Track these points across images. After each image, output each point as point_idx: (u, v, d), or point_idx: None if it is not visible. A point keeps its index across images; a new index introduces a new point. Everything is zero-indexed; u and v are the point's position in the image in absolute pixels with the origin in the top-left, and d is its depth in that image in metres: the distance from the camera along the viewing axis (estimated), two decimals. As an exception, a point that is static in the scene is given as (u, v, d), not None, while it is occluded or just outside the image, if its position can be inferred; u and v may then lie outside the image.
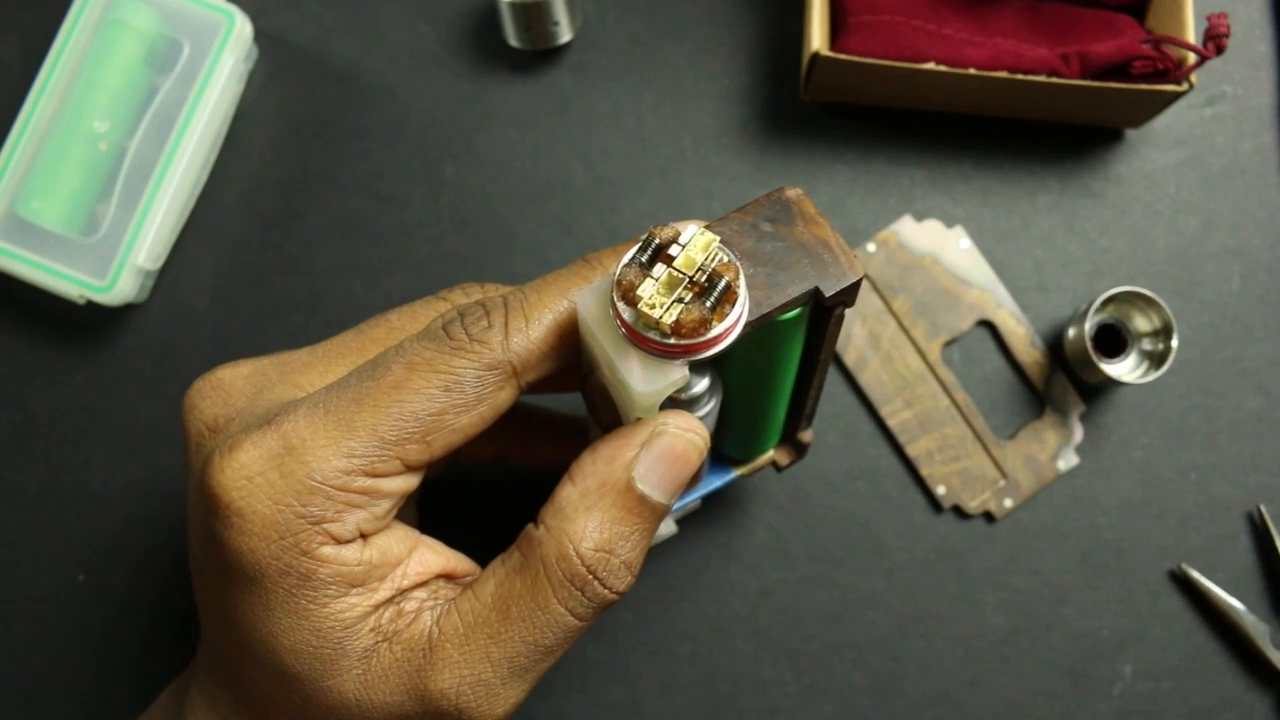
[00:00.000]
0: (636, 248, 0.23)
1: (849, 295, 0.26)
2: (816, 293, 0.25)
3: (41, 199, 0.40)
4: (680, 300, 0.23)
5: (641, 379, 0.24)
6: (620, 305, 0.23)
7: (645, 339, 0.23)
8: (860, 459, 0.42)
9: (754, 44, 0.44)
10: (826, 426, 0.42)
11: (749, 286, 0.24)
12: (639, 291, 0.23)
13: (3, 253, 0.40)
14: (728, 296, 0.23)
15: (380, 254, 0.43)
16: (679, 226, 0.23)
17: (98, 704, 0.40)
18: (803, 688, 0.40)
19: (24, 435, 0.42)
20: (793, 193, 0.26)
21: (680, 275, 0.23)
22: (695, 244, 0.23)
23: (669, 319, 0.23)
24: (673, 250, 0.23)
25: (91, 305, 0.40)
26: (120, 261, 0.40)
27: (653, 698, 0.40)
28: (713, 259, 0.23)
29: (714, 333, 0.23)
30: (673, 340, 0.23)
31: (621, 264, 0.23)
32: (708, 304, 0.23)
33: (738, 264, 0.23)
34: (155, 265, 0.41)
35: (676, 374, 0.24)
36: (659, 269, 0.23)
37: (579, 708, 0.40)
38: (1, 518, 0.42)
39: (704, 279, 0.23)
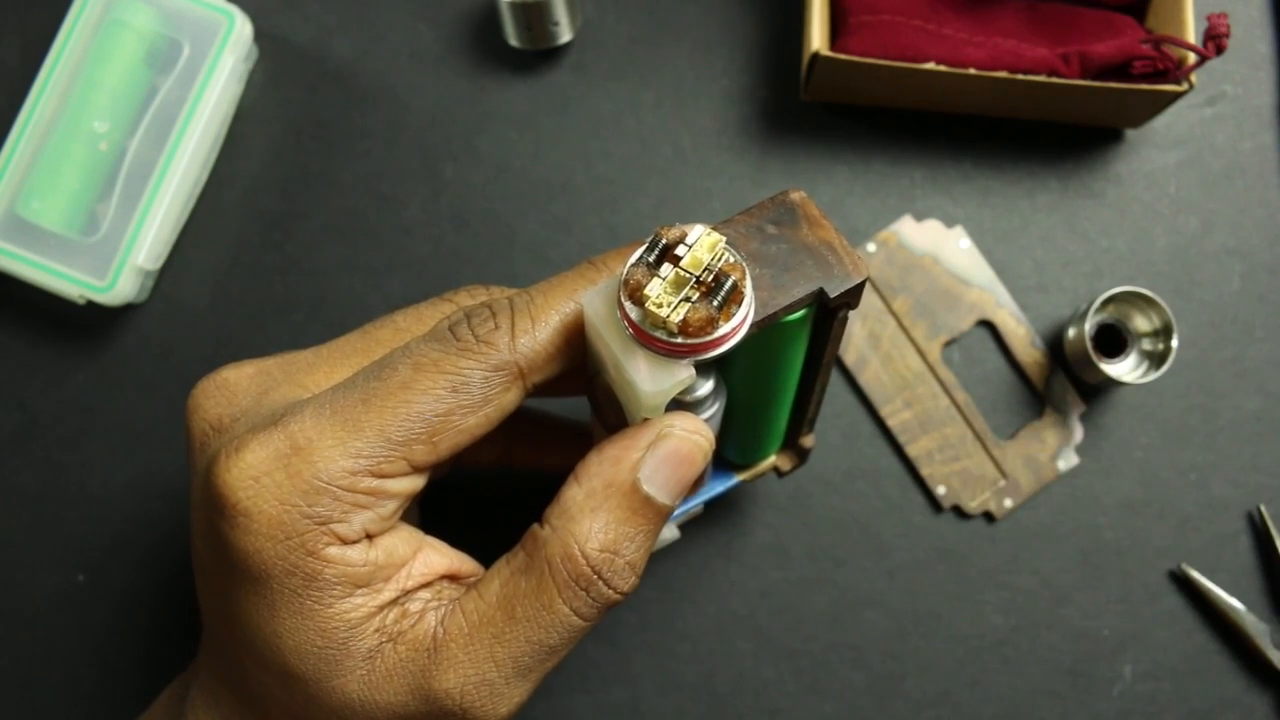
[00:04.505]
0: (643, 248, 0.23)
1: (853, 296, 0.26)
2: (821, 294, 0.25)
3: (41, 199, 0.40)
4: (687, 300, 0.23)
5: (648, 378, 0.24)
6: (627, 305, 0.23)
7: (652, 338, 0.23)
8: (860, 459, 0.42)
9: (754, 44, 0.44)
10: (827, 427, 0.42)
11: (754, 287, 0.24)
12: (646, 291, 0.23)
13: (3, 253, 0.40)
14: (734, 296, 0.23)
15: (380, 254, 0.43)
16: (685, 227, 0.24)
17: (98, 704, 0.40)
18: (803, 688, 0.40)
19: (24, 435, 0.42)
20: (797, 195, 0.26)
21: (687, 275, 0.23)
22: (702, 244, 0.23)
23: (676, 318, 0.23)
24: (679, 251, 0.23)
25: (91, 305, 0.40)
26: (120, 261, 0.40)
27: (653, 698, 0.40)
28: (719, 259, 0.23)
29: (721, 332, 0.23)
30: (680, 339, 0.23)
31: (629, 264, 0.23)
32: (715, 303, 0.23)
33: (744, 264, 0.24)
34: (155, 265, 0.41)
35: (683, 373, 0.24)
36: (666, 269, 0.23)
37: (579, 708, 0.40)
38: (1, 518, 0.42)
39: (711, 279, 0.23)
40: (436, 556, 0.28)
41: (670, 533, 0.34)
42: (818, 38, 0.40)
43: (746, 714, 0.40)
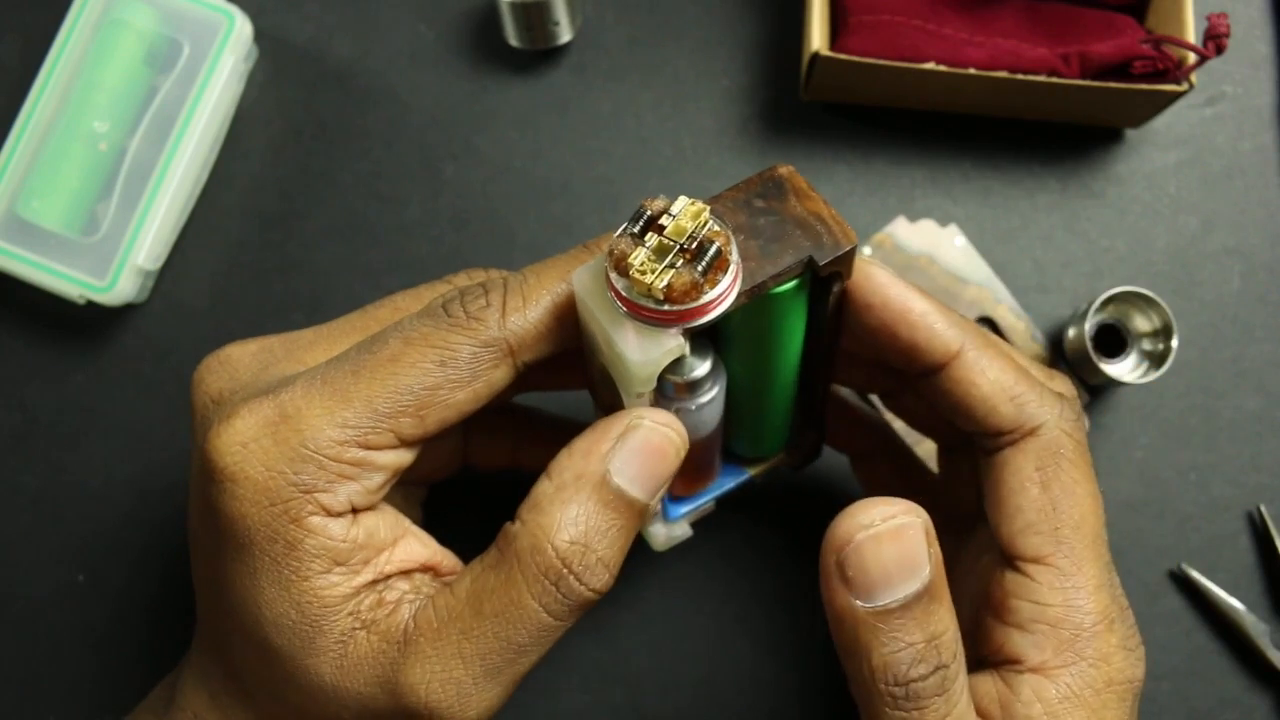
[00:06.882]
0: (628, 220, 0.24)
1: (844, 264, 0.26)
2: (811, 262, 0.25)
3: (41, 199, 0.40)
4: (672, 266, 0.23)
5: (637, 349, 0.24)
6: (613, 275, 0.24)
7: (639, 307, 0.24)
8: (860, 459, 0.42)
9: (754, 44, 0.44)
10: (827, 426, 0.42)
11: (743, 258, 0.24)
12: (630, 259, 0.23)
13: (3, 253, 0.40)
14: (719, 262, 0.23)
15: (380, 254, 0.43)
16: (669, 199, 0.24)
17: (98, 704, 0.40)
18: (803, 688, 0.40)
19: (24, 435, 0.42)
20: (784, 170, 0.26)
21: (671, 243, 0.23)
22: (685, 213, 0.23)
23: (660, 284, 0.23)
24: (664, 221, 0.23)
25: (91, 305, 0.40)
26: (120, 261, 0.40)
27: (653, 698, 0.40)
28: (703, 227, 0.23)
29: (707, 298, 0.23)
30: (666, 306, 0.23)
31: (614, 236, 0.24)
32: (699, 268, 0.23)
33: (728, 232, 0.24)
34: (155, 265, 0.41)
35: (671, 342, 0.24)
36: (650, 238, 0.23)
37: (579, 708, 0.40)
38: (1, 518, 0.42)
39: (694, 245, 0.23)
40: (418, 546, 0.28)
41: (682, 530, 0.34)
42: (818, 38, 0.40)
43: (746, 714, 0.40)
